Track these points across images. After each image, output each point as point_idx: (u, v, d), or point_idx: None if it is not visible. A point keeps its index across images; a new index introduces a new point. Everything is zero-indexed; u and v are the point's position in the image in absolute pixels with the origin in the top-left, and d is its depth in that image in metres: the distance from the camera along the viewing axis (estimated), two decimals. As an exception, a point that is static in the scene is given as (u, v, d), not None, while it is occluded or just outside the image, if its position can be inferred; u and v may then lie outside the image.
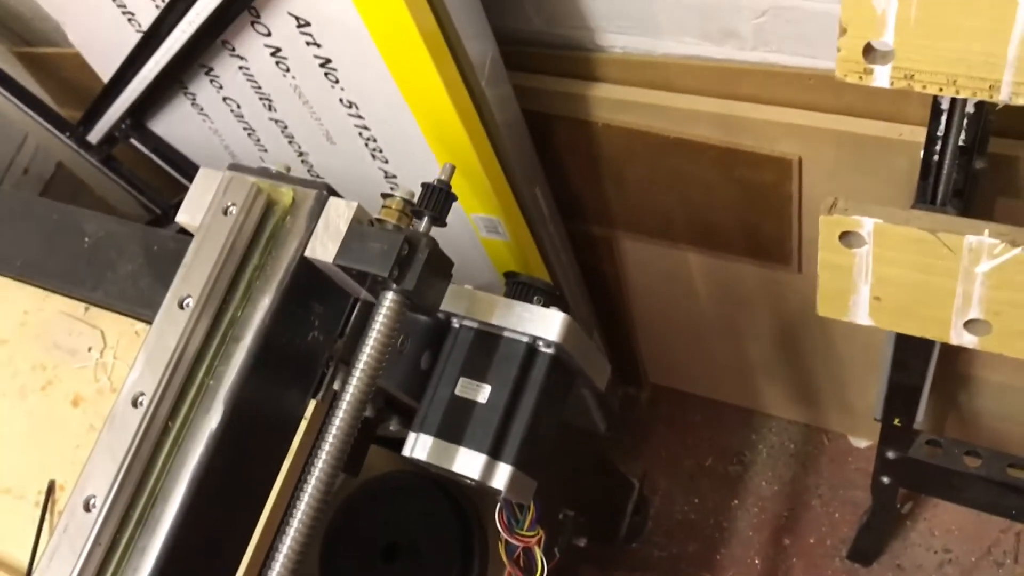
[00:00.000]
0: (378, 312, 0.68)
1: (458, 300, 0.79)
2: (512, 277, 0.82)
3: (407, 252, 0.67)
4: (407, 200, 0.73)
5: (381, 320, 0.67)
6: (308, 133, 1.24)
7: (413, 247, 0.67)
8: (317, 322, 0.71)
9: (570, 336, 0.77)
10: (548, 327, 0.76)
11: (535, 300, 0.81)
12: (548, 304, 0.81)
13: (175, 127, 1.40)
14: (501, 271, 1.26)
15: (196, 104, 1.31)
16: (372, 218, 0.72)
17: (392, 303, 0.68)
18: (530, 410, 0.77)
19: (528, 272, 1.23)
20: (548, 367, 0.78)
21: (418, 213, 0.73)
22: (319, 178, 1.34)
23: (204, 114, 1.33)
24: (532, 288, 0.82)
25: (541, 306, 0.80)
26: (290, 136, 1.27)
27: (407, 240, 0.67)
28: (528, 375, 0.78)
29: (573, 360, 0.80)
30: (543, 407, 0.78)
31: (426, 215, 0.72)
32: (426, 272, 0.68)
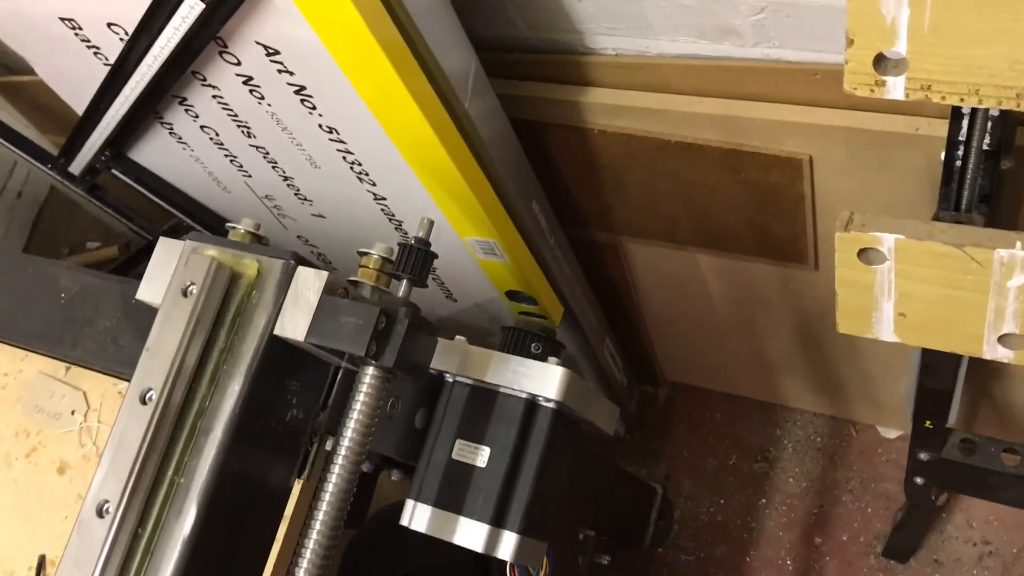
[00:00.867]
0: (358, 390, 0.62)
1: (450, 355, 0.74)
2: (507, 328, 0.76)
3: (384, 325, 0.61)
4: (385, 258, 0.67)
5: (362, 400, 0.62)
6: (291, 158, 1.18)
7: (391, 319, 0.61)
8: (295, 400, 0.66)
9: (572, 391, 0.72)
10: (547, 384, 0.71)
11: (532, 347, 0.76)
12: (547, 351, 0.75)
13: (157, 156, 1.35)
14: (502, 291, 1.20)
15: (174, 134, 1.25)
16: (346, 282, 0.66)
17: (373, 379, 0.62)
18: (534, 471, 0.72)
19: (530, 290, 1.17)
20: (550, 423, 0.72)
21: (396, 276, 0.67)
22: (307, 201, 1.29)
23: (183, 143, 1.27)
24: (528, 335, 0.76)
25: (539, 354, 0.75)
26: (273, 162, 1.21)
27: (384, 312, 0.61)
28: (529, 434, 0.72)
29: (576, 412, 0.74)
30: (548, 466, 0.73)
31: (404, 278, 0.66)
32: (408, 343, 0.62)
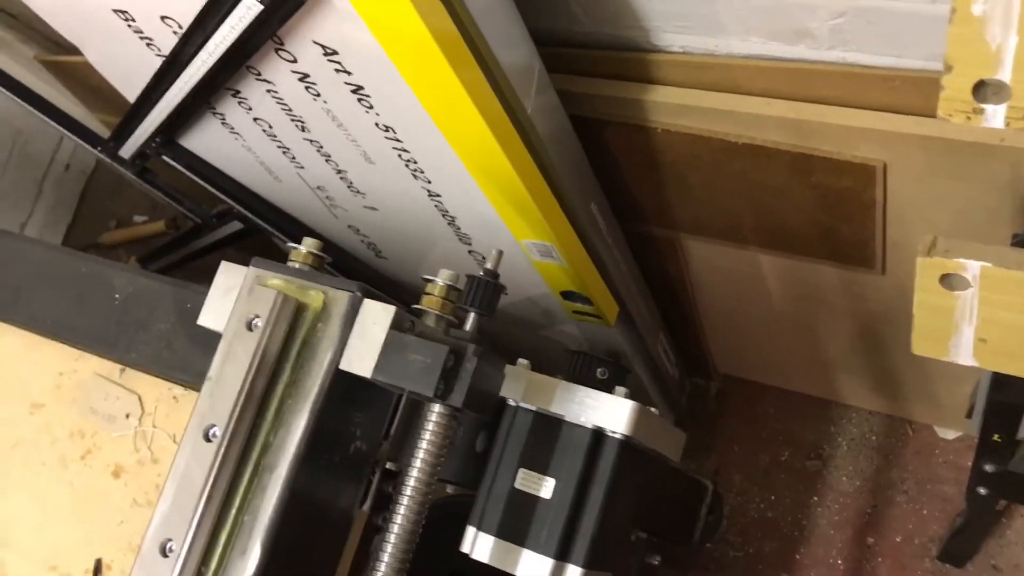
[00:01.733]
0: (425, 428, 0.61)
1: (513, 383, 0.72)
2: (572, 353, 0.74)
3: (453, 364, 0.59)
4: (451, 286, 0.65)
5: (429, 438, 0.60)
6: (345, 153, 1.16)
7: (459, 358, 0.59)
8: (359, 431, 0.64)
9: (640, 424, 0.69)
10: (616, 418, 0.68)
11: (599, 373, 0.73)
12: (613, 377, 0.73)
13: (208, 144, 1.33)
14: (557, 291, 1.17)
15: (227, 124, 1.23)
16: (411, 308, 0.64)
17: (440, 417, 0.60)
18: (600, 505, 0.70)
19: (586, 290, 1.15)
20: (617, 456, 0.70)
21: (463, 308, 0.65)
22: (359, 194, 1.27)
23: (236, 133, 1.25)
24: (594, 360, 0.73)
25: (605, 380, 0.72)
26: (326, 155, 1.19)
27: (453, 351, 0.59)
28: (595, 466, 0.70)
29: (644, 444, 0.72)
30: (614, 498, 0.71)
31: (472, 311, 0.64)
32: (476, 381, 0.60)
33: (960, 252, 0.75)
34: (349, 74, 0.96)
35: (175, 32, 1.04)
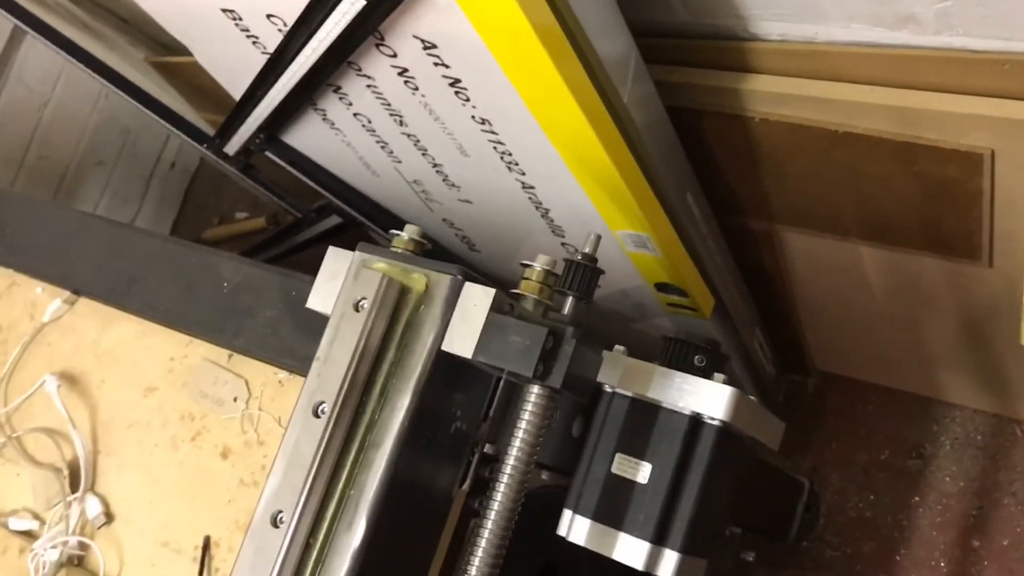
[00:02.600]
0: (524, 408, 0.62)
1: (609, 368, 0.72)
2: (669, 339, 0.74)
3: (552, 346, 0.60)
4: (549, 271, 0.66)
5: (528, 419, 0.61)
6: (441, 146, 1.18)
7: (558, 340, 0.60)
8: (459, 412, 0.66)
9: (739, 410, 0.69)
10: (714, 403, 0.68)
11: (696, 360, 0.73)
12: (711, 365, 0.72)
13: (309, 140, 1.37)
14: (651, 282, 1.17)
15: (327, 119, 1.27)
16: (509, 294, 0.65)
17: (539, 398, 0.61)
18: (697, 490, 0.70)
19: (681, 282, 1.14)
20: (715, 442, 0.70)
21: (561, 292, 0.65)
22: (455, 187, 1.28)
23: (336, 128, 1.28)
24: (691, 347, 0.73)
25: (703, 367, 0.72)
26: (423, 149, 1.22)
27: (551, 332, 0.59)
28: (693, 452, 0.70)
29: (743, 431, 0.71)
30: (711, 484, 0.70)
31: (570, 295, 0.65)
32: (575, 363, 0.61)
33: (1076, 239, 0.73)
34: (447, 67, 0.98)
35: (280, 30, 1.08)
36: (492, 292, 0.62)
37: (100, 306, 1.11)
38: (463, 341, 0.61)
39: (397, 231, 0.73)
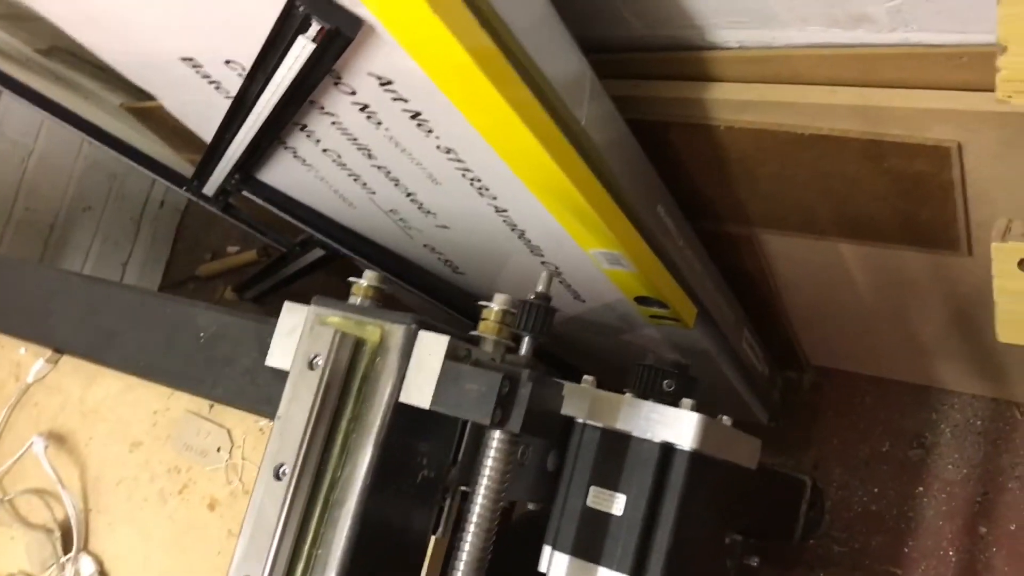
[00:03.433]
0: (487, 454, 0.61)
1: (578, 401, 0.72)
2: (638, 366, 0.73)
3: (508, 391, 0.59)
4: (507, 311, 0.65)
5: (491, 465, 0.61)
6: (412, 176, 1.18)
7: (514, 384, 0.60)
8: (425, 460, 0.65)
9: (708, 437, 0.68)
10: (683, 432, 0.68)
11: (665, 385, 0.73)
12: (680, 389, 0.72)
13: (283, 177, 1.37)
14: (631, 297, 1.16)
15: (298, 157, 1.27)
16: (468, 338, 0.65)
17: (500, 443, 0.61)
18: (672, 519, 0.69)
19: (660, 295, 1.14)
20: (687, 469, 0.69)
21: (517, 336, 0.65)
22: (430, 214, 1.28)
23: (308, 164, 1.28)
24: (660, 372, 0.73)
25: (672, 392, 0.72)
26: (395, 180, 1.21)
27: (507, 377, 0.59)
28: (666, 480, 0.69)
29: (714, 456, 0.71)
30: (686, 511, 0.70)
31: (526, 336, 0.65)
32: (533, 405, 0.60)
33: (1037, 235, 0.72)
34: (406, 101, 0.98)
35: (240, 74, 1.08)
36: (445, 340, 0.61)
37: (83, 363, 1.11)
38: (420, 391, 0.61)
39: (355, 279, 0.73)
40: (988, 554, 1.42)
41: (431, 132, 1.02)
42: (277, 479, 0.61)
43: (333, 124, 1.12)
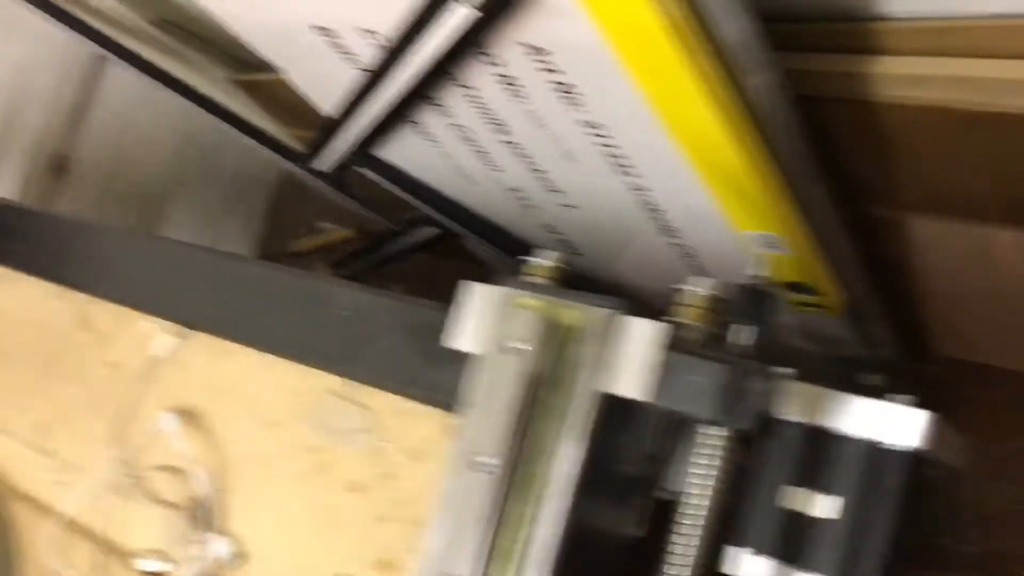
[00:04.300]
0: (705, 454, 0.57)
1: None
2: (843, 358, 0.68)
3: (735, 384, 0.54)
4: (717, 296, 0.60)
5: (713, 464, 0.56)
6: (545, 153, 1.13)
7: (742, 376, 0.55)
8: (633, 455, 0.61)
9: (931, 436, 0.63)
10: (901, 429, 0.62)
11: (872, 380, 0.67)
12: (890, 384, 0.66)
13: (404, 153, 1.33)
14: (780, 282, 1.11)
15: (423, 132, 1.23)
16: (672, 323, 0.60)
17: (723, 441, 0.56)
18: (887, 523, 0.64)
19: (813, 281, 1.08)
20: (904, 470, 0.64)
21: (735, 320, 0.60)
22: (557, 192, 1.24)
23: (433, 140, 1.24)
24: (866, 366, 0.67)
25: (878, 387, 0.66)
26: (525, 156, 1.17)
27: (738, 369, 0.54)
28: (879, 482, 0.64)
29: (932, 454, 0.65)
30: (901, 515, 0.65)
31: (746, 324, 0.60)
32: (760, 400, 0.55)
33: None
34: (557, 72, 0.93)
35: (375, 45, 1.04)
36: (662, 327, 0.57)
37: (213, 339, 1.09)
38: (630, 383, 0.57)
39: (532, 258, 0.69)
40: None
41: (578, 106, 0.98)
42: (475, 471, 0.57)
43: (467, 97, 1.08)
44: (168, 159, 2.18)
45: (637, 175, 1.06)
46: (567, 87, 0.95)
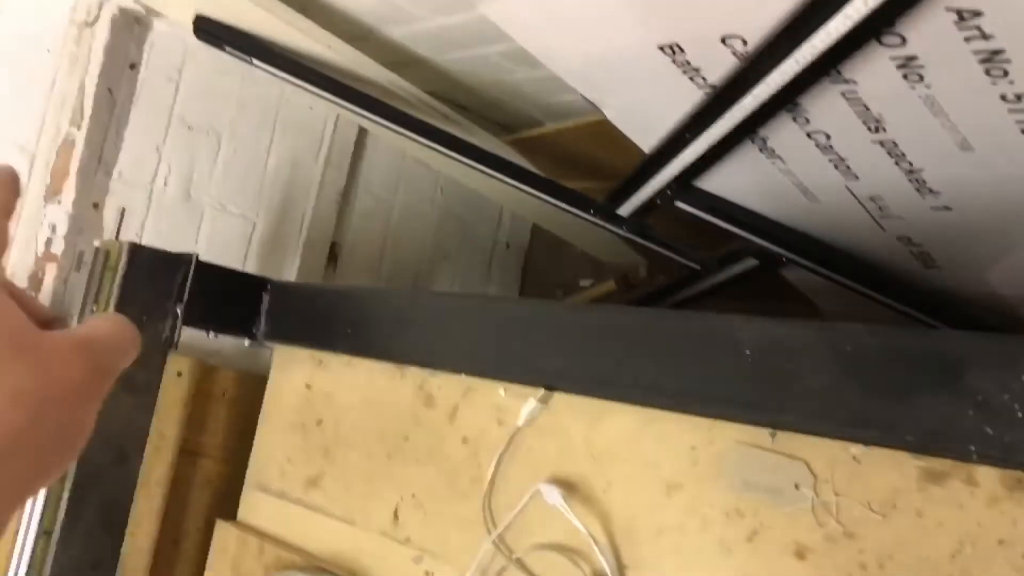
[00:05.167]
0: None
1: None
2: None
3: None
4: None
5: None
6: (929, 146, 0.99)
7: None
8: None
9: None
10: None
11: None
12: None
13: (732, 177, 1.21)
14: None
15: (766, 148, 1.11)
16: None
17: None
18: None
19: None
20: None
21: None
22: (931, 193, 1.08)
23: (775, 156, 1.12)
24: None
25: None
26: (898, 155, 1.02)
27: None
28: None
29: None
30: None
31: None
32: None
33: None
34: (986, 39, 0.79)
35: (734, 53, 0.93)
36: None
37: (581, 399, 0.99)
38: None
39: None
40: None
41: (1003, 76, 0.83)
42: None
43: (842, 95, 0.95)
44: (431, 234, 2.18)
45: (1065, 154, 0.89)
46: (993, 55, 0.80)
